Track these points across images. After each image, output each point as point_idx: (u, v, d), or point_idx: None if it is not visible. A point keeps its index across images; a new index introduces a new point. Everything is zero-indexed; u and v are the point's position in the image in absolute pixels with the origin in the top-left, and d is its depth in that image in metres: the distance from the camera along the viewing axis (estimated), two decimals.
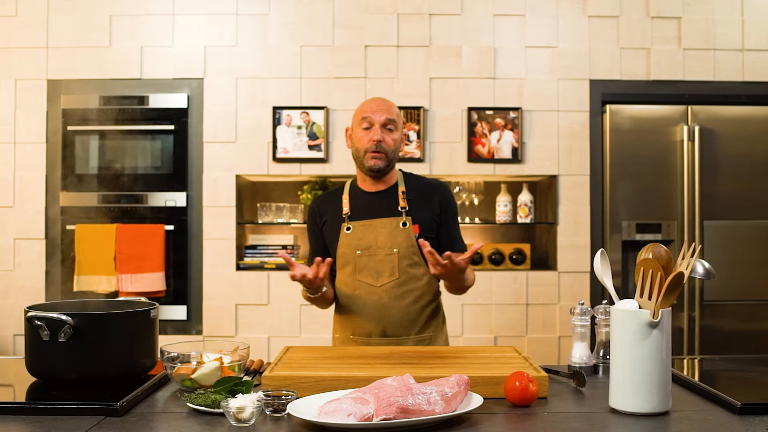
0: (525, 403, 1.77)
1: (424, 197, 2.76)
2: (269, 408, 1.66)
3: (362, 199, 2.77)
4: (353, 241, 2.69)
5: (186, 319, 4.44)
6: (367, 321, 2.67)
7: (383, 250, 2.67)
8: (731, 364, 2.43)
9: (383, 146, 2.67)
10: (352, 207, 2.76)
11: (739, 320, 4.37)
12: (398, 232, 2.67)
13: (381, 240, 2.68)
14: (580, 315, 2.19)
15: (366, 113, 2.71)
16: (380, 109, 2.70)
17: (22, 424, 1.63)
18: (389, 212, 2.72)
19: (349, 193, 2.81)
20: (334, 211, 2.78)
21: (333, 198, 2.84)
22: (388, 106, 2.73)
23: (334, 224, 2.76)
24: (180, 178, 4.46)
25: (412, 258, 2.67)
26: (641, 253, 1.79)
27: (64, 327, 1.84)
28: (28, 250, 4.45)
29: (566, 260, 4.46)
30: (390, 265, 2.66)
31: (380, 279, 2.67)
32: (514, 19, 4.51)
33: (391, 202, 2.73)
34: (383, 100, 2.76)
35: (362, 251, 2.68)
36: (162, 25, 4.48)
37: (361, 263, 2.68)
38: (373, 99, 2.80)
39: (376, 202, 2.75)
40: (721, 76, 4.52)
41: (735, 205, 4.38)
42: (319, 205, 2.86)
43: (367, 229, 2.70)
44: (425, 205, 2.74)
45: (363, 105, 2.77)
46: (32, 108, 4.47)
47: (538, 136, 4.49)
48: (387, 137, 2.68)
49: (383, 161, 2.68)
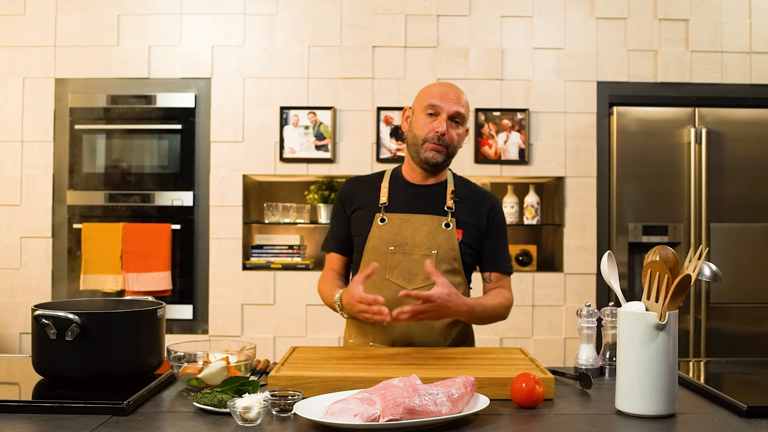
0: (531, 404, 1.77)
1: (473, 203, 2.50)
2: (276, 408, 1.66)
3: (404, 190, 2.51)
4: (387, 234, 2.42)
5: (192, 318, 4.44)
6: (391, 329, 2.39)
7: (420, 249, 2.40)
8: (737, 366, 2.43)
9: (446, 140, 2.40)
10: (390, 197, 2.49)
11: (745, 323, 4.36)
12: (439, 232, 2.42)
13: (419, 238, 2.41)
14: (587, 317, 2.18)
15: (434, 99, 2.41)
16: (450, 98, 2.41)
17: (28, 423, 1.63)
18: (432, 209, 2.45)
19: (389, 180, 2.53)
20: (369, 198, 2.51)
21: (369, 183, 2.56)
22: (458, 95, 2.43)
23: (367, 213, 2.48)
24: (187, 177, 4.47)
25: (451, 263, 2.41)
26: (648, 255, 1.78)
27: (71, 326, 1.84)
28: (34, 248, 4.46)
29: (572, 262, 4.46)
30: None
31: (413, 282, 2.39)
32: (521, 21, 4.51)
33: (437, 199, 2.48)
34: (455, 89, 2.46)
35: (396, 248, 2.40)
36: (170, 24, 4.49)
37: (394, 261, 2.40)
38: (444, 84, 2.48)
39: (420, 196, 2.48)
40: (729, 78, 4.51)
41: (742, 207, 4.37)
42: (351, 188, 2.57)
43: (404, 223, 2.43)
44: (473, 212, 2.48)
45: (431, 88, 2.47)
46: (40, 106, 4.48)
47: (545, 137, 4.49)
48: (452, 131, 2.41)
49: (442, 155, 2.42)
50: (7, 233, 4.47)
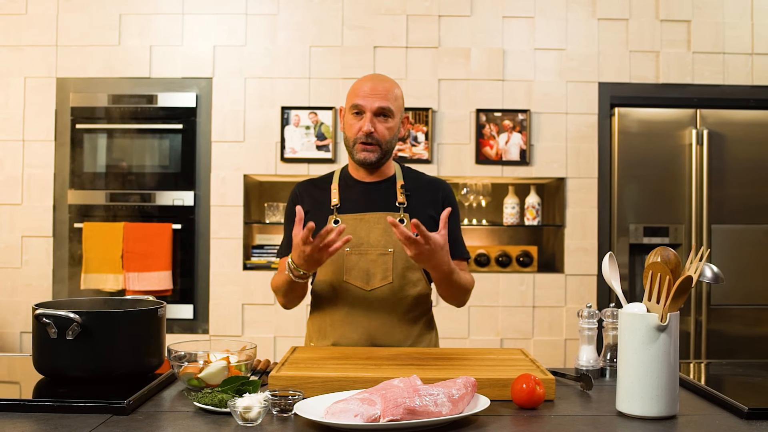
0: (532, 405, 1.77)
1: (425, 194, 2.47)
2: (276, 408, 1.66)
3: (354, 189, 2.47)
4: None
5: (192, 318, 4.44)
6: (352, 330, 2.38)
7: (376, 249, 2.37)
8: (738, 368, 2.42)
9: (375, 137, 2.35)
10: (342, 198, 2.44)
11: (745, 325, 4.36)
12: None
13: (374, 237, 2.37)
14: (588, 318, 2.18)
15: (358, 98, 2.36)
16: (373, 94, 2.35)
17: (29, 422, 1.63)
18: (385, 206, 2.42)
19: (339, 181, 2.49)
20: (320, 201, 2.46)
21: (319, 186, 2.53)
22: (384, 89, 2.36)
23: (319, 215, 2.41)
24: (188, 177, 4.47)
25: (408, 260, 2.36)
26: (650, 256, 1.78)
27: (71, 325, 1.84)
28: (35, 247, 4.46)
29: (573, 263, 4.46)
30: (383, 267, 2.37)
31: (371, 282, 2.36)
32: (523, 21, 4.51)
33: (388, 196, 2.44)
34: (379, 81, 2.38)
35: (352, 248, 2.36)
36: (171, 24, 4.49)
37: (350, 262, 2.37)
38: (368, 78, 2.41)
39: (370, 195, 2.45)
40: (731, 79, 4.51)
41: (743, 209, 4.37)
42: (302, 191, 2.53)
43: (359, 223, 2.39)
44: (426, 203, 2.45)
45: (356, 86, 2.41)
46: (41, 106, 4.49)
47: (547, 138, 4.49)
48: (380, 126, 2.35)
49: (375, 154, 2.38)
50: (8, 232, 4.47)
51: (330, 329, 2.43)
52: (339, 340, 2.40)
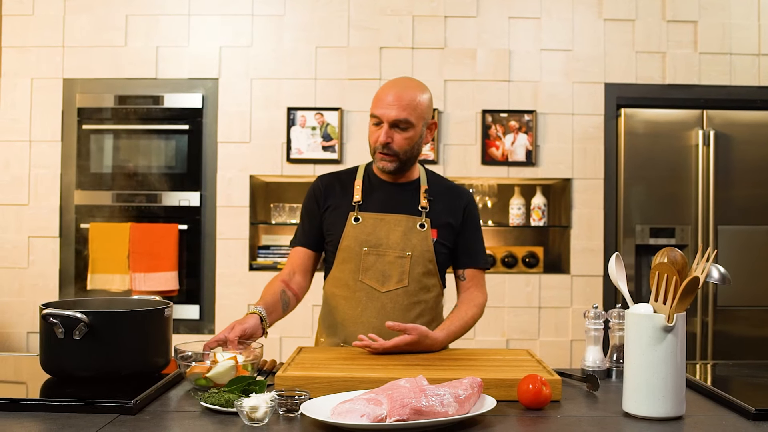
0: (538, 406, 1.77)
1: (447, 201, 2.46)
2: (282, 408, 1.66)
3: (378, 188, 2.45)
4: (361, 234, 2.37)
5: (198, 318, 4.45)
6: (362, 330, 2.34)
7: (394, 251, 2.35)
8: (744, 369, 2.42)
9: (393, 148, 2.33)
10: (364, 195, 2.43)
11: (752, 326, 4.35)
12: (414, 233, 2.37)
13: (393, 239, 2.37)
14: (594, 318, 2.18)
15: (376, 108, 2.34)
16: (393, 104, 2.31)
17: (36, 421, 1.64)
18: (406, 209, 2.41)
19: (363, 178, 2.48)
20: (343, 196, 2.45)
21: (343, 180, 2.50)
22: (406, 99, 2.32)
23: (340, 211, 2.43)
24: (194, 177, 4.48)
25: (426, 265, 2.37)
26: (657, 257, 1.78)
27: (79, 325, 1.85)
28: (42, 248, 4.47)
29: (579, 264, 4.45)
30: (400, 270, 2.35)
31: (386, 284, 2.36)
32: (529, 22, 4.50)
33: (410, 198, 2.43)
34: (403, 89, 2.34)
35: (370, 248, 2.36)
36: (177, 25, 4.50)
37: (367, 262, 2.36)
38: (392, 85, 2.37)
39: (394, 196, 2.43)
40: (737, 80, 4.50)
41: (749, 210, 4.36)
42: (326, 185, 2.50)
43: (379, 223, 2.38)
44: (447, 210, 2.44)
45: (380, 92, 2.37)
46: (48, 107, 4.50)
47: (553, 139, 4.48)
48: (397, 137, 2.33)
49: (394, 164, 2.36)
50: (15, 233, 4.48)
51: (340, 327, 2.44)
52: (350, 338, 2.38)
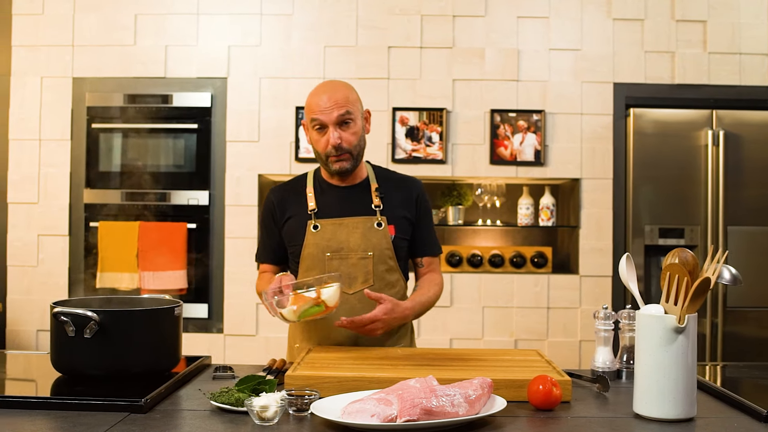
0: (548, 406, 1.76)
1: (399, 194, 2.51)
2: (292, 407, 1.66)
3: (330, 194, 2.48)
4: (321, 241, 2.41)
5: (207, 317, 4.46)
6: (336, 331, 2.37)
7: (356, 253, 2.40)
8: (755, 371, 2.41)
9: (344, 147, 2.36)
10: (318, 203, 2.46)
11: (762, 327, 4.33)
12: (373, 233, 2.41)
13: (354, 241, 2.40)
14: (604, 319, 2.18)
15: (315, 113, 2.35)
16: (329, 105, 2.34)
17: (47, 419, 1.64)
18: (362, 210, 2.45)
19: (313, 185, 2.50)
20: (298, 206, 2.48)
21: (294, 190, 2.52)
22: (338, 97, 2.35)
23: (298, 221, 2.45)
24: (203, 176, 4.48)
25: (387, 262, 2.43)
26: (667, 257, 1.78)
27: (89, 323, 1.86)
28: (51, 246, 4.49)
29: (588, 264, 4.44)
30: (364, 270, 2.40)
31: (353, 285, 2.39)
32: (537, 22, 4.49)
33: (363, 199, 2.47)
34: (333, 90, 2.38)
35: (332, 253, 2.39)
36: (186, 24, 4.51)
37: (332, 267, 2.39)
38: (321, 90, 2.40)
39: (347, 199, 2.47)
40: (747, 80, 4.48)
41: (759, 210, 4.34)
42: (279, 198, 2.52)
43: (338, 228, 2.41)
44: (401, 203, 2.49)
45: (311, 100, 2.39)
46: (57, 105, 4.51)
47: (561, 139, 4.47)
48: (345, 134, 2.36)
49: (349, 162, 2.39)
50: (25, 231, 4.49)
51: (313, 331, 2.47)
52: (323, 341, 2.44)
